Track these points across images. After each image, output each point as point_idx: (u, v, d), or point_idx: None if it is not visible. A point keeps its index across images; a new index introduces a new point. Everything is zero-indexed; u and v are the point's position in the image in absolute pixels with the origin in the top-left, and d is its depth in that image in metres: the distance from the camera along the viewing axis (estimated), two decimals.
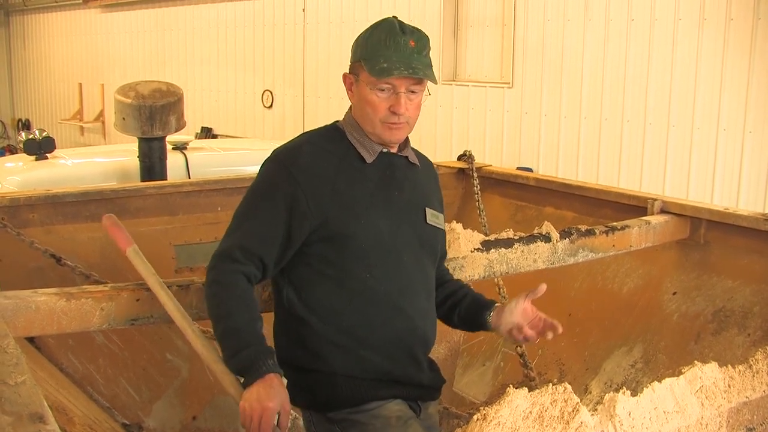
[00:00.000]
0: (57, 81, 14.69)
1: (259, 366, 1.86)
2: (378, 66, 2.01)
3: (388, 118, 2.05)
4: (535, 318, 2.14)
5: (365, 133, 2.11)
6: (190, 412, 3.51)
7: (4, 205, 3.30)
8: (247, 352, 1.88)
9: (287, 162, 2.05)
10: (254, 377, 1.85)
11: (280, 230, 2.00)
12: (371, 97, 2.05)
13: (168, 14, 11.61)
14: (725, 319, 3.20)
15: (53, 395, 2.52)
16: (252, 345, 1.89)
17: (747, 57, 5.40)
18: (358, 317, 2.03)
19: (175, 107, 4.37)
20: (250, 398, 1.84)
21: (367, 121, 2.08)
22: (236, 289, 1.97)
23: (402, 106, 2.03)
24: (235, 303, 1.96)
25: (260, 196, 2.05)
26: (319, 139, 2.13)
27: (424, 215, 2.18)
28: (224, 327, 1.94)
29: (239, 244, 2.00)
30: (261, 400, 1.82)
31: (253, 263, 1.99)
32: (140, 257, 2.22)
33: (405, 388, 2.11)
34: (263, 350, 1.90)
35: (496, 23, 7.27)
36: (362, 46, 2.10)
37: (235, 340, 1.91)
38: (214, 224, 3.79)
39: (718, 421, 2.04)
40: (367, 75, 2.04)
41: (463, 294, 2.30)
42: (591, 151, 6.50)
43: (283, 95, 9.80)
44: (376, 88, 2.03)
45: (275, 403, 1.83)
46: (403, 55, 2.02)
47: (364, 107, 2.07)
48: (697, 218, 3.38)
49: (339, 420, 2.05)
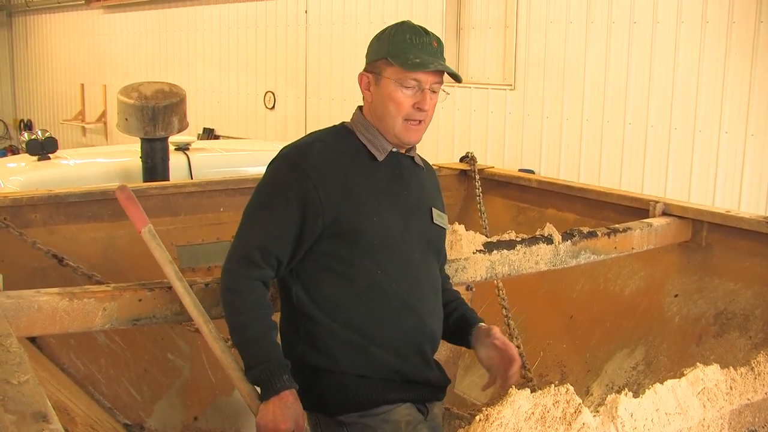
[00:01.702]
0: (59, 82, 14.70)
1: (275, 382, 1.93)
2: (411, 61, 2.03)
3: (412, 115, 2.07)
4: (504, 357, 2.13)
5: (378, 132, 2.12)
6: (191, 412, 3.52)
7: (7, 205, 3.31)
8: (264, 366, 1.94)
9: (299, 159, 2.05)
10: (270, 393, 1.93)
11: (294, 228, 2.01)
12: (396, 93, 2.06)
13: (170, 15, 11.62)
14: (727, 322, 3.20)
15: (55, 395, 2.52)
16: (270, 359, 1.95)
17: (749, 60, 5.40)
18: (368, 314, 2.04)
19: (177, 108, 4.37)
20: (266, 418, 1.92)
21: (388, 119, 2.09)
22: (252, 295, 2.01)
23: (427, 102, 2.06)
24: (252, 313, 2.00)
25: (273, 195, 2.05)
26: (329, 138, 2.14)
27: (430, 214, 2.19)
28: (242, 337, 1.99)
29: (258, 245, 2.01)
30: (276, 421, 1.91)
31: (270, 265, 2.02)
32: (156, 240, 2.17)
33: (414, 388, 2.11)
34: (280, 365, 1.96)
35: (499, 25, 7.28)
36: (386, 44, 2.08)
37: (253, 352, 1.98)
38: (216, 225, 3.80)
39: (720, 423, 2.03)
40: (395, 70, 2.05)
41: (452, 309, 2.31)
42: (593, 153, 6.50)
43: (285, 96, 9.81)
44: (403, 85, 2.04)
45: (288, 426, 1.91)
46: (430, 53, 2.06)
47: (387, 104, 2.08)
48: (699, 221, 3.38)
49: (349, 423, 2.05)
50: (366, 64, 2.15)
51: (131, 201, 2.21)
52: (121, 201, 2.22)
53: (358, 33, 8.59)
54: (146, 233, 2.16)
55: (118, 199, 2.23)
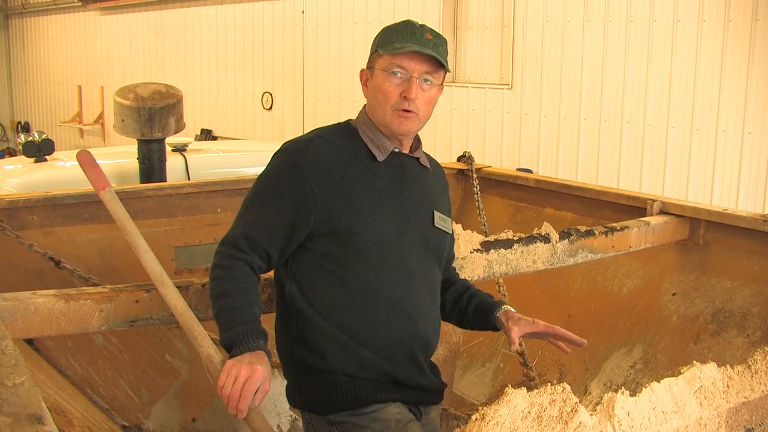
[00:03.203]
0: (56, 83, 14.70)
1: (250, 341, 1.85)
2: (392, 46, 2.03)
3: (399, 105, 2.05)
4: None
5: (378, 129, 2.11)
6: (189, 413, 3.51)
7: (3, 207, 3.30)
8: (241, 329, 1.87)
9: (295, 154, 2.05)
10: (244, 349, 1.84)
11: (285, 222, 2.01)
12: (385, 84, 2.06)
13: (167, 16, 11.62)
14: (724, 320, 3.20)
15: (52, 397, 2.52)
16: (247, 323, 1.89)
17: (746, 58, 5.41)
18: (359, 316, 2.03)
19: (174, 109, 4.37)
20: (241, 359, 1.82)
21: (378, 110, 2.09)
22: (237, 272, 1.98)
23: (413, 90, 2.04)
24: (234, 285, 1.96)
25: (267, 187, 2.06)
26: (330, 135, 2.13)
27: (432, 218, 2.17)
28: (221, 305, 1.94)
29: (244, 234, 2.02)
30: (252, 362, 1.80)
31: (257, 254, 2.01)
32: (116, 200, 2.18)
33: (405, 390, 2.10)
34: (257, 330, 1.89)
35: (496, 25, 7.28)
36: (379, 37, 2.11)
37: (230, 318, 1.91)
38: (213, 226, 3.79)
39: (717, 422, 2.03)
40: (383, 60, 2.06)
41: (468, 298, 2.31)
42: (590, 152, 6.51)
43: (282, 97, 9.81)
44: (390, 72, 2.04)
45: (264, 369, 1.81)
46: (419, 41, 2.04)
47: (377, 95, 2.08)
48: (697, 219, 3.38)
49: (338, 422, 2.04)
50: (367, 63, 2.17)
51: (92, 165, 2.23)
52: (82, 164, 2.25)
53: (356, 33, 8.60)
54: (105, 194, 2.18)
55: (79, 163, 2.26)
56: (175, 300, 2.04)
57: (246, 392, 1.77)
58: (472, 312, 2.28)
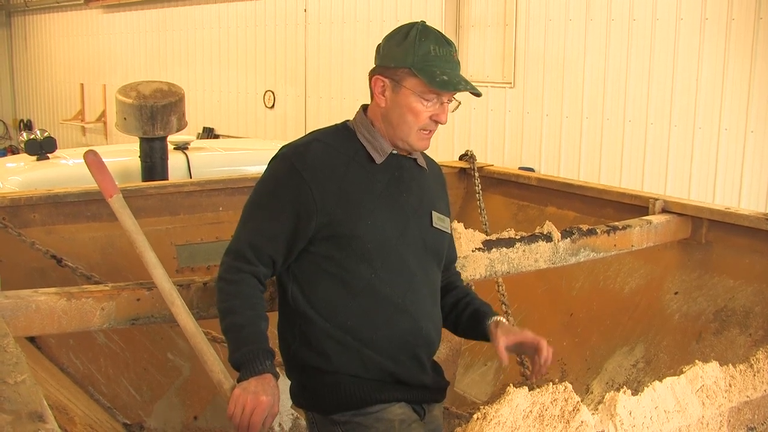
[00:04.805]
0: (59, 81, 14.71)
1: (257, 364, 1.89)
2: (438, 78, 2.01)
3: (427, 126, 2.07)
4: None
5: (378, 134, 2.11)
6: (191, 411, 3.51)
7: (6, 205, 3.30)
8: (249, 349, 1.91)
9: (295, 159, 2.05)
10: (251, 373, 1.89)
11: (288, 229, 2.01)
12: (416, 105, 2.05)
13: (170, 14, 11.62)
14: (727, 319, 3.19)
15: (54, 395, 2.52)
16: (254, 343, 1.93)
17: (748, 57, 5.40)
18: (362, 317, 2.04)
19: (176, 107, 4.37)
20: (248, 388, 1.87)
21: (404, 127, 2.07)
22: (244, 286, 2.00)
23: (446, 115, 2.08)
24: (241, 300, 1.99)
25: (267, 193, 2.06)
26: (328, 138, 2.13)
27: (430, 218, 2.17)
28: (228, 322, 1.98)
29: (249, 243, 2.02)
30: (257, 392, 1.85)
31: (263, 262, 2.02)
32: (125, 209, 2.14)
33: (409, 389, 2.10)
34: (264, 350, 1.93)
35: (498, 23, 7.27)
36: (410, 54, 2.04)
37: (238, 336, 1.95)
38: (215, 224, 3.80)
39: (719, 421, 2.03)
40: (418, 83, 2.03)
41: (465, 305, 2.31)
42: (593, 150, 6.50)
43: (284, 95, 9.80)
44: (424, 97, 2.04)
45: (270, 399, 1.86)
46: (455, 68, 2.06)
47: (405, 114, 2.06)
48: (699, 218, 3.37)
49: (342, 422, 2.05)
50: (381, 67, 2.09)
51: (101, 168, 2.12)
52: (91, 167, 2.12)
53: (358, 31, 8.59)
54: (115, 201, 2.12)
55: (87, 164, 2.14)
56: (185, 320, 2.04)
57: (254, 424, 1.84)
58: (466, 319, 2.29)
